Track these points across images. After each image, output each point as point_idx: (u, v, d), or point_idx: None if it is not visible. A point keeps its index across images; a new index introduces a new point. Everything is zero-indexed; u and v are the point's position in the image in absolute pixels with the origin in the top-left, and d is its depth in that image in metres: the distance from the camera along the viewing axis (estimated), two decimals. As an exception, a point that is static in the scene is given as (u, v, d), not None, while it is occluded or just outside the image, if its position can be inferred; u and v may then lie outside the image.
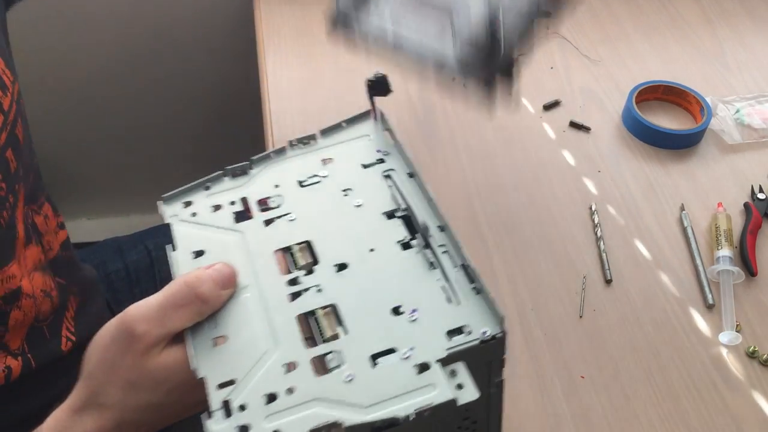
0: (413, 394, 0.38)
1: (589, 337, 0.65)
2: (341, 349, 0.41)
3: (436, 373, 0.39)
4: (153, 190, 1.55)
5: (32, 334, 0.60)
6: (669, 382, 0.62)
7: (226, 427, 0.38)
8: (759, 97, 0.87)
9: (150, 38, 1.18)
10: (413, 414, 0.37)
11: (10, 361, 0.57)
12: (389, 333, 0.41)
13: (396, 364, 0.40)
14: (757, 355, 0.64)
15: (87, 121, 1.28)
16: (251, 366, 0.41)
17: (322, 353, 0.41)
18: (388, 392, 0.38)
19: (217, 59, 1.22)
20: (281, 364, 0.40)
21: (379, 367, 0.40)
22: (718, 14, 1.01)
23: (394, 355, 0.40)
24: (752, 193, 0.77)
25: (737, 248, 0.72)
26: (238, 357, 0.41)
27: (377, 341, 0.41)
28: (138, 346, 0.42)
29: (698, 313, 0.67)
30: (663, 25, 0.99)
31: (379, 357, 0.40)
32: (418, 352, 0.40)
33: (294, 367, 0.40)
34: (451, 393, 0.38)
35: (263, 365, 0.41)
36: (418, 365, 0.39)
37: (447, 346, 0.40)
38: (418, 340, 0.40)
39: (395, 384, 0.38)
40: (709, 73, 0.92)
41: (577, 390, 0.62)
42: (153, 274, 0.86)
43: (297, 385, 0.39)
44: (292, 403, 0.38)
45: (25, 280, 0.58)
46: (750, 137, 0.83)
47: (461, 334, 0.41)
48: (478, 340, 0.40)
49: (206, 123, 1.32)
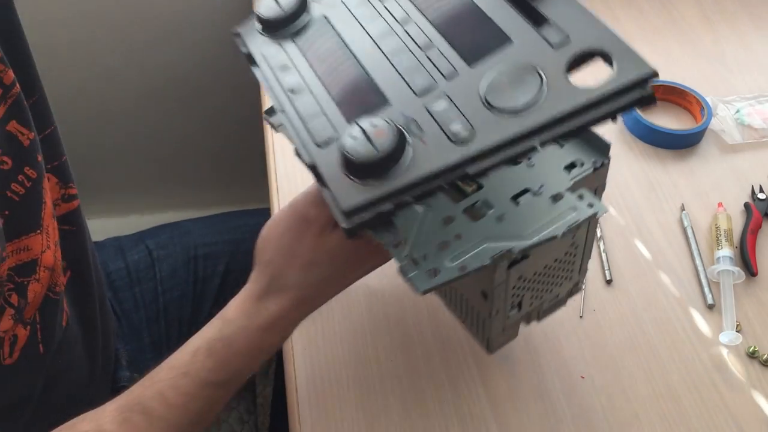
0: (557, 218, 0.44)
1: (589, 337, 0.65)
2: (484, 197, 0.46)
3: (570, 199, 0.45)
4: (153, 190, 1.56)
5: (45, 305, 0.59)
6: (669, 382, 0.62)
7: (419, 273, 0.43)
8: (759, 97, 0.87)
9: (148, 38, 1.18)
10: (566, 230, 0.43)
11: (19, 330, 0.57)
12: (517, 177, 0.47)
13: (534, 200, 0.46)
14: (758, 355, 0.64)
15: (85, 122, 1.28)
16: (416, 227, 0.45)
17: (472, 203, 0.46)
18: (537, 221, 0.44)
19: (217, 59, 1.22)
20: (439, 219, 0.45)
21: (522, 205, 0.46)
22: (718, 14, 1.01)
23: (529, 193, 0.46)
24: (752, 193, 0.77)
25: (737, 248, 0.72)
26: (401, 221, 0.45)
27: (511, 186, 0.46)
28: (313, 229, 0.48)
29: (698, 313, 0.67)
30: (663, 26, 0.99)
31: (518, 197, 0.46)
32: (547, 188, 0.46)
33: (451, 220, 0.45)
34: (589, 211, 0.44)
35: (424, 223, 0.46)
36: (551, 197, 0.45)
37: (569, 178, 0.47)
38: (543, 179, 0.46)
39: (540, 214, 0.45)
40: (709, 73, 0.92)
41: (577, 390, 0.62)
42: (154, 273, 0.86)
43: (460, 232, 0.45)
44: (462, 246, 0.44)
45: (48, 252, 0.58)
46: (750, 137, 0.83)
47: (576, 167, 0.47)
48: (592, 168, 0.47)
49: (205, 123, 1.32)
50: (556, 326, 0.66)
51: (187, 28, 1.18)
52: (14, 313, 0.55)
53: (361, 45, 0.48)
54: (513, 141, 0.40)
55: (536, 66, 0.42)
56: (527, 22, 0.44)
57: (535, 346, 0.64)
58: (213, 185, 1.43)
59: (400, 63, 0.46)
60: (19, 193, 0.55)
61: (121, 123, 1.30)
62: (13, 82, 0.55)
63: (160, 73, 1.23)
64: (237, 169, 1.35)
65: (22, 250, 0.56)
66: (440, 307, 0.66)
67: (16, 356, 0.57)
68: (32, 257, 0.56)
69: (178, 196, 1.46)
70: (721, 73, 0.92)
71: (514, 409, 0.60)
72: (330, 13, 0.51)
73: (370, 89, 0.46)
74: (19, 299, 0.55)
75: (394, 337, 0.65)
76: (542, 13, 0.44)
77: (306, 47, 0.50)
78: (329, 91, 0.47)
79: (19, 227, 0.55)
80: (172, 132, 1.34)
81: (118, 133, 1.32)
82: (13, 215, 0.54)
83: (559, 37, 0.42)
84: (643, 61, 0.40)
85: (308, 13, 0.51)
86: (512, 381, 0.62)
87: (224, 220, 0.95)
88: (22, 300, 0.56)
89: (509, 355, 0.64)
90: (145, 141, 1.35)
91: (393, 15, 0.49)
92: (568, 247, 0.51)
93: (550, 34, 0.43)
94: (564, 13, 0.43)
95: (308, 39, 0.50)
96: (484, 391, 0.61)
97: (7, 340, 0.55)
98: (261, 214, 0.91)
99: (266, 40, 0.52)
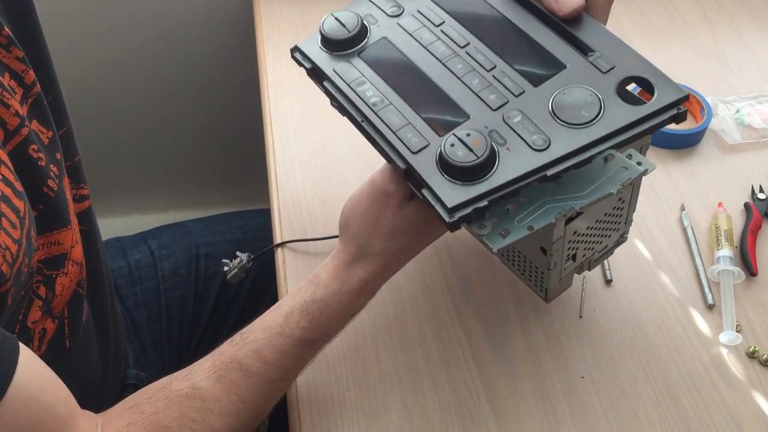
0: (611, 177, 0.50)
1: (589, 337, 0.65)
2: None
3: (620, 159, 0.51)
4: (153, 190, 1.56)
5: (73, 300, 0.60)
6: (669, 382, 0.62)
7: (492, 233, 0.49)
8: (759, 97, 0.87)
9: (149, 38, 1.18)
10: (620, 187, 0.49)
11: (48, 324, 0.58)
12: None
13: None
14: (758, 355, 0.64)
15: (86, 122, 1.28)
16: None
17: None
18: (592, 180, 0.50)
19: (217, 59, 1.22)
20: None
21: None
22: (718, 14, 1.01)
23: None
24: (752, 193, 0.77)
25: (737, 248, 0.72)
26: None
27: None
28: (394, 200, 0.54)
29: (698, 313, 0.67)
30: (663, 26, 0.99)
31: None
32: None
33: None
34: (639, 168, 0.50)
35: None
36: (603, 158, 0.50)
37: None
38: None
39: (594, 174, 0.50)
40: (709, 73, 0.92)
41: (577, 390, 0.62)
42: (156, 272, 0.87)
43: (524, 195, 0.50)
44: (527, 207, 0.50)
45: (77, 248, 0.60)
46: (750, 137, 0.83)
47: None
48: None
49: (206, 123, 1.32)
50: (556, 326, 0.66)
51: (187, 28, 1.18)
52: (42, 305, 0.56)
53: (430, 64, 0.55)
54: (583, 148, 0.49)
55: (592, 88, 0.50)
56: (576, 51, 0.53)
57: (535, 346, 0.64)
58: (213, 185, 1.43)
59: (471, 82, 0.53)
60: (53, 189, 0.56)
61: (122, 123, 1.30)
62: (33, 81, 0.56)
63: (161, 73, 1.23)
64: (237, 169, 1.35)
65: (53, 244, 0.57)
66: (440, 307, 0.67)
67: (44, 349, 0.58)
68: (63, 251, 0.58)
69: (178, 196, 1.46)
70: (721, 73, 0.92)
71: (514, 409, 0.60)
72: (390, 35, 0.57)
73: (448, 104, 0.53)
74: (47, 291, 0.57)
75: (394, 337, 0.65)
76: (587, 43, 0.52)
77: (376, 64, 0.56)
78: (410, 105, 0.53)
79: (52, 222, 0.57)
80: (172, 132, 1.34)
81: (118, 133, 1.32)
82: (47, 210, 0.56)
83: (607, 65, 0.51)
84: (678, 87, 0.50)
85: (369, 35, 0.57)
86: (512, 381, 0.62)
87: (226, 220, 0.95)
88: (50, 293, 0.57)
89: (509, 355, 0.64)
90: (145, 141, 1.35)
91: (453, 39, 0.55)
92: (616, 203, 0.58)
93: (599, 62, 0.52)
94: (605, 44, 0.52)
95: (375, 57, 0.56)
96: (484, 391, 0.61)
97: (36, 333, 0.56)
98: (262, 214, 0.91)
99: (332, 57, 0.57)
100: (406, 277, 0.69)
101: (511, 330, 0.65)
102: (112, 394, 0.73)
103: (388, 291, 0.68)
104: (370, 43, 0.57)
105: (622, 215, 0.61)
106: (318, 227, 0.72)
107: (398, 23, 0.57)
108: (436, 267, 0.70)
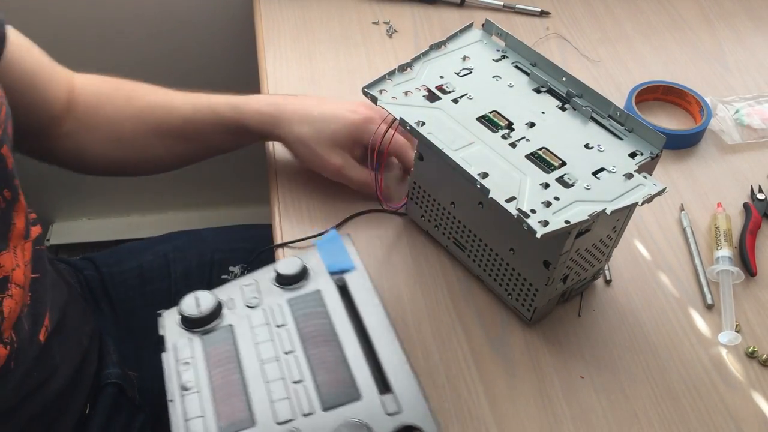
0: (632, 192, 0.55)
1: (588, 337, 0.65)
2: (569, 171, 0.57)
3: (639, 178, 0.56)
4: (153, 191, 1.56)
5: (18, 324, 0.61)
6: (668, 382, 0.62)
7: (533, 221, 0.52)
8: (759, 97, 0.87)
9: (149, 38, 1.18)
10: (644, 199, 0.54)
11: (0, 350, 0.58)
12: (593, 159, 0.58)
13: (610, 176, 0.57)
14: (757, 355, 0.64)
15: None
16: (518, 188, 0.55)
17: (560, 175, 0.57)
18: (617, 192, 0.55)
19: (217, 59, 1.22)
20: (538, 185, 0.56)
21: (601, 180, 0.56)
22: (718, 14, 1.01)
23: (605, 171, 0.57)
24: (752, 193, 0.77)
25: (737, 248, 0.72)
26: (504, 183, 0.56)
27: (590, 164, 0.58)
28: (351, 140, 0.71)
29: (698, 313, 0.68)
30: (663, 26, 0.99)
31: (597, 173, 0.57)
32: (619, 169, 0.57)
33: (547, 185, 0.56)
34: (657, 188, 0.55)
35: (526, 187, 0.55)
36: (624, 175, 0.56)
37: (635, 163, 0.58)
38: (614, 162, 0.58)
39: (617, 187, 0.56)
40: (709, 73, 0.92)
41: (577, 390, 0.62)
42: (168, 272, 0.87)
43: (557, 195, 0.55)
44: (562, 205, 0.54)
45: (18, 271, 0.60)
46: (749, 137, 0.83)
47: (638, 155, 0.58)
48: (650, 156, 0.58)
49: (206, 123, 1.32)
50: (556, 326, 0.66)
51: (187, 28, 1.18)
52: None
53: (251, 362, 0.57)
54: None
55: (370, 427, 0.52)
56: (376, 386, 0.54)
57: (534, 346, 0.64)
58: (213, 185, 1.43)
59: (273, 389, 0.55)
60: None
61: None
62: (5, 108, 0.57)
63: (161, 73, 1.23)
64: (237, 169, 1.35)
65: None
66: (440, 307, 0.67)
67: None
68: (3, 274, 0.58)
69: (178, 196, 1.46)
70: (720, 74, 0.92)
71: (514, 409, 0.60)
72: (236, 324, 0.60)
73: (244, 407, 0.54)
74: None
75: (395, 337, 0.65)
76: (389, 382, 0.55)
77: (209, 348, 0.58)
78: (213, 399, 0.55)
79: None
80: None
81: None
82: None
83: (394, 409, 0.53)
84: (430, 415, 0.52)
85: (221, 318, 0.60)
86: (512, 381, 0.62)
87: (244, 230, 0.97)
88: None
89: (509, 355, 0.64)
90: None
91: (282, 343, 0.58)
92: (610, 231, 0.62)
93: (388, 403, 0.53)
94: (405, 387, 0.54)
95: (213, 342, 0.59)
96: (484, 391, 0.61)
97: None
98: None
99: (183, 330, 0.60)
100: (406, 277, 0.69)
101: (511, 330, 0.65)
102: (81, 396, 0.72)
103: (388, 291, 0.68)
104: (218, 327, 0.59)
105: (609, 246, 0.64)
106: (318, 227, 0.72)
107: (248, 314, 0.60)
108: (436, 267, 0.70)
